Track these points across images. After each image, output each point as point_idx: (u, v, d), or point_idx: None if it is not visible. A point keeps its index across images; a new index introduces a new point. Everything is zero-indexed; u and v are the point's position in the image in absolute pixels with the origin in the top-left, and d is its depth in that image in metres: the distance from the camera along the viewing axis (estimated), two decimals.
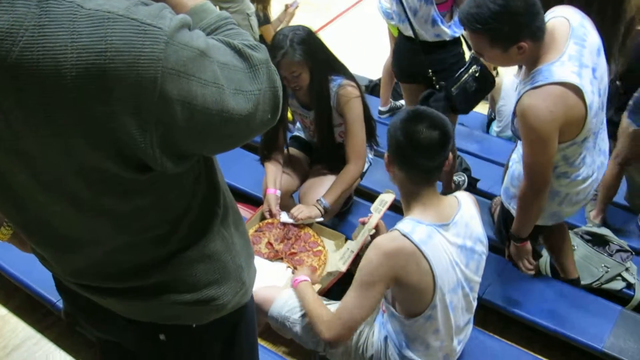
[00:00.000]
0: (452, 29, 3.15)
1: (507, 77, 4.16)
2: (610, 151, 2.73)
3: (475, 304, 2.13)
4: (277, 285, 2.46)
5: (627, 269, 3.00)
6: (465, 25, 2.11)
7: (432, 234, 1.87)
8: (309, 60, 2.59)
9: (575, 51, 2.08)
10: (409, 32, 3.18)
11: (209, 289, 1.29)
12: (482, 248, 2.04)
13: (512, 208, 2.48)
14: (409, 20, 3.10)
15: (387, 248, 1.86)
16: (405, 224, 1.89)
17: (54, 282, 1.48)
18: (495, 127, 4.49)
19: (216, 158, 1.31)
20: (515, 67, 3.03)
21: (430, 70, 3.15)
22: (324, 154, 3.05)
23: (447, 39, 3.15)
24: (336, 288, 2.44)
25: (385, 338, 2.13)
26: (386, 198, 2.63)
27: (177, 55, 0.93)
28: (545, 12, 2.11)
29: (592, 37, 2.16)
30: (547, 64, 2.07)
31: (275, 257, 2.72)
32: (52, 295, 2.69)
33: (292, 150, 3.15)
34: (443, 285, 1.90)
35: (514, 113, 2.20)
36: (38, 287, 2.76)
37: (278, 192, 2.89)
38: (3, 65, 0.87)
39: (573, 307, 2.74)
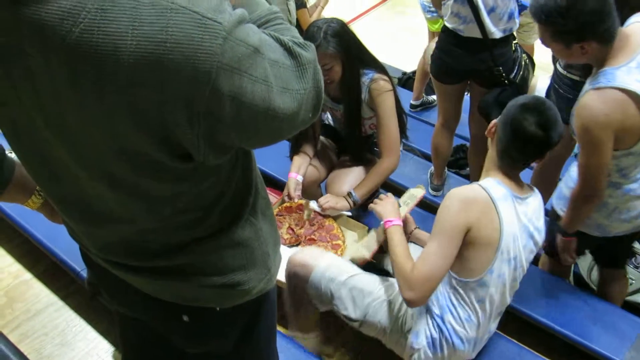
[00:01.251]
0: (518, 19, 3.06)
1: (542, 79, 4.10)
2: None
3: (514, 292, 2.14)
4: (318, 250, 2.47)
5: None
6: (532, 14, 2.09)
7: (508, 198, 1.93)
8: (342, 53, 2.58)
9: None
10: (473, 33, 3.00)
11: (236, 273, 1.30)
12: (538, 239, 2.07)
13: (560, 209, 2.45)
14: (478, 20, 2.94)
15: (464, 195, 1.92)
16: (486, 181, 1.96)
17: (80, 253, 1.50)
18: None
19: None
20: (551, 69, 2.94)
21: (499, 68, 3.03)
22: (351, 145, 3.04)
23: (514, 30, 3.06)
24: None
25: (427, 310, 2.12)
26: (416, 193, 2.62)
27: (233, 51, 0.93)
28: (622, 14, 2.07)
29: None
30: (613, 67, 2.03)
31: (296, 241, 2.73)
32: (77, 264, 2.72)
33: (322, 139, 3.14)
34: (504, 250, 1.93)
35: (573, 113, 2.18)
36: (63, 254, 2.80)
37: (300, 177, 2.90)
38: (62, 45, 0.87)
39: (595, 318, 2.70)
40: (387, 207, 2.28)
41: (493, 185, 1.93)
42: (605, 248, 2.59)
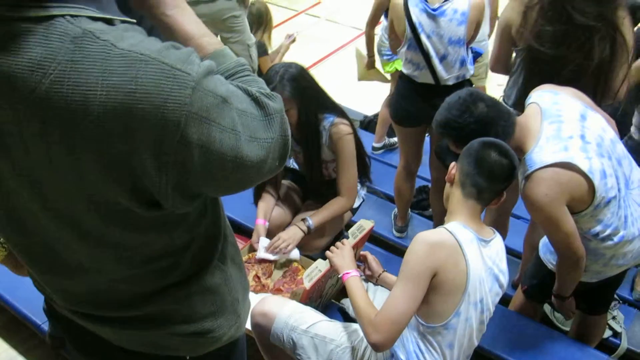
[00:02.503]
0: (472, 65, 3.16)
1: None
2: None
3: (481, 335, 2.14)
4: (279, 298, 2.45)
5: (614, 317, 3.01)
6: (434, 129, 2.24)
7: (474, 241, 1.95)
8: (297, 97, 2.62)
9: (553, 130, 2.14)
10: (427, 79, 3.10)
11: (206, 321, 1.30)
12: (503, 282, 2.09)
13: (549, 262, 2.48)
14: (430, 66, 3.04)
15: (431, 239, 1.93)
16: (451, 224, 1.97)
17: (44, 305, 1.47)
18: None
19: None
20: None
21: None
22: (314, 189, 3.07)
23: (468, 77, 3.15)
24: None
25: (392, 355, 2.11)
26: (365, 225, 2.67)
27: (202, 101, 0.95)
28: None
29: (570, 108, 2.21)
30: (528, 154, 2.16)
31: (261, 290, 2.71)
32: (38, 317, 2.66)
33: (287, 182, 3.16)
34: (471, 293, 1.94)
35: None
36: (23, 307, 2.73)
37: (267, 224, 2.90)
38: (31, 96, 0.88)
39: (560, 354, 2.73)
40: (344, 259, 2.28)
41: (459, 228, 1.96)
42: (594, 292, 2.60)
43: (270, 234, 2.88)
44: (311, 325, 2.23)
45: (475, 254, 1.94)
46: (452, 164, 2.06)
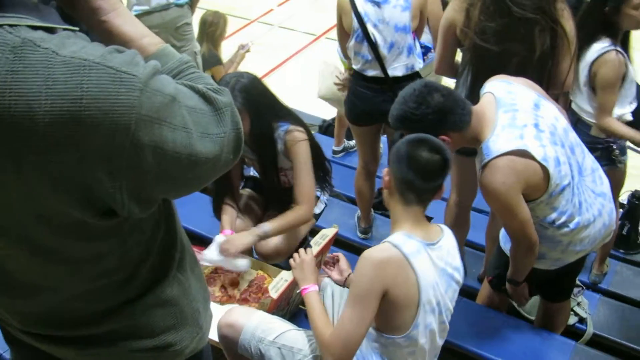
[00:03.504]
0: (421, 59, 3.18)
1: None
2: None
3: (445, 334, 2.14)
4: (246, 308, 2.42)
5: (578, 304, 3.06)
6: (392, 124, 2.23)
7: (421, 250, 1.92)
8: (249, 107, 2.59)
9: (508, 118, 2.17)
10: (374, 72, 3.13)
11: (167, 334, 1.27)
12: (459, 278, 2.08)
13: (509, 251, 2.49)
14: (377, 58, 3.07)
15: (377, 258, 1.89)
16: (396, 237, 1.93)
17: (0, 332, 1.42)
18: None
19: (174, 201, 1.30)
20: None
21: None
22: (273, 198, 3.04)
23: (417, 69, 3.18)
24: None
25: None
26: (328, 232, 2.65)
27: (151, 102, 0.94)
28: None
29: (524, 97, 2.24)
30: (484, 142, 2.18)
31: (228, 301, 2.68)
32: None
33: (247, 192, 3.13)
34: (426, 303, 1.92)
35: None
36: None
37: (232, 232, 2.86)
38: None
39: (528, 343, 2.77)
40: (303, 272, 2.26)
41: (404, 240, 1.91)
42: (555, 279, 2.64)
43: None
44: (278, 336, 2.21)
45: (424, 263, 1.91)
46: (385, 170, 2.04)
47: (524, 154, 2.12)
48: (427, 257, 1.93)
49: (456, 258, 2.07)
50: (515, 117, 2.18)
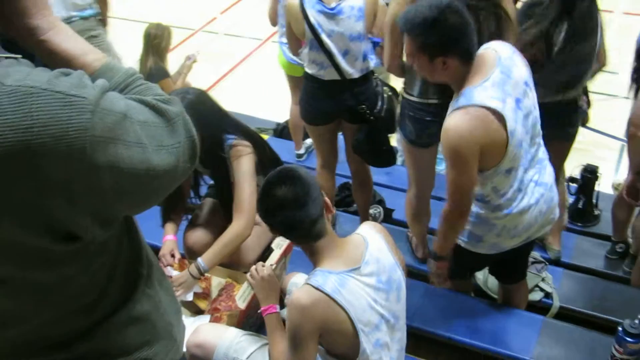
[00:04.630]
0: (374, 56, 3.19)
1: None
2: None
3: (404, 328, 2.14)
4: (214, 326, 2.40)
5: (543, 279, 3.13)
6: (401, 27, 2.22)
7: (345, 281, 1.89)
8: (197, 124, 2.54)
9: (500, 79, 2.18)
10: (333, 76, 3.11)
11: (141, 351, 1.26)
12: (399, 274, 2.05)
13: (459, 239, 2.53)
14: (334, 64, 3.06)
15: (303, 304, 1.86)
16: (316, 277, 1.90)
17: None
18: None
19: (135, 218, 1.29)
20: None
21: (362, 105, 3.13)
22: (231, 212, 3.01)
23: (371, 68, 3.19)
24: None
25: None
26: None
27: (103, 122, 0.93)
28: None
29: (520, 71, 2.26)
30: (470, 87, 2.17)
31: (198, 311, 2.66)
32: None
33: (210, 201, 3.11)
34: (365, 327, 1.91)
35: None
36: None
37: (175, 238, 2.86)
38: None
39: (497, 323, 2.83)
40: (262, 290, 2.22)
41: (323, 280, 1.88)
42: (505, 263, 2.70)
43: (196, 254, 2.79)
44: (252, 354, 2.20)
45: (352, 293, 1.89)
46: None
47: (500, 117, 2.14)
48: (355, 283, 1.90)
49: (388, 259, 2.02)
50: (507, 82, 2.19)
